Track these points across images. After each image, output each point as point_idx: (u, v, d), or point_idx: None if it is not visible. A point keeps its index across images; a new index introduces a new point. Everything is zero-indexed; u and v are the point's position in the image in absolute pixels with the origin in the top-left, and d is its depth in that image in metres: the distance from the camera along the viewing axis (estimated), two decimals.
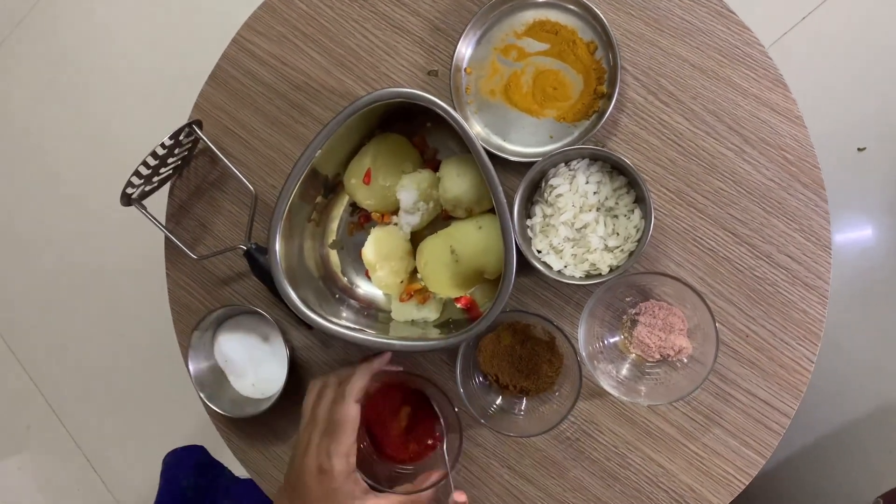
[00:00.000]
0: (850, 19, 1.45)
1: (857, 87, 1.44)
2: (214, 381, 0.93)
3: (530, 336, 0.84)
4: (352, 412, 0.76)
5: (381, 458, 0.84)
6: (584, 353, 0.78)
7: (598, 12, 0.81)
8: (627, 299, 0.82)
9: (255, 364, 0.94)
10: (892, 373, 1.39)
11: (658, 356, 0.80)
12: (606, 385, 0.77)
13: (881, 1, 1.44)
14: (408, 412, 0.84)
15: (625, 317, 0.83)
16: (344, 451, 0.74)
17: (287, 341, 0.89)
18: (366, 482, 0.76)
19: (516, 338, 0.83)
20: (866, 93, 1.44)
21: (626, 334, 0.82)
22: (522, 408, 0.85)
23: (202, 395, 0.91)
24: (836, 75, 1.45)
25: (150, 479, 1.85)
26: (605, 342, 0.82)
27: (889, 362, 1.39)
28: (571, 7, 0.84)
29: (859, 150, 1.41)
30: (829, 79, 1.44)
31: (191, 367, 0.92)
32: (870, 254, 1.41)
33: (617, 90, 0.81)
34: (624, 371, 0.81)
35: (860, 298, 1.38)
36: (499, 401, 0.85)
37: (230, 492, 1.14)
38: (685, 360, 0.80)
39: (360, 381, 0.78)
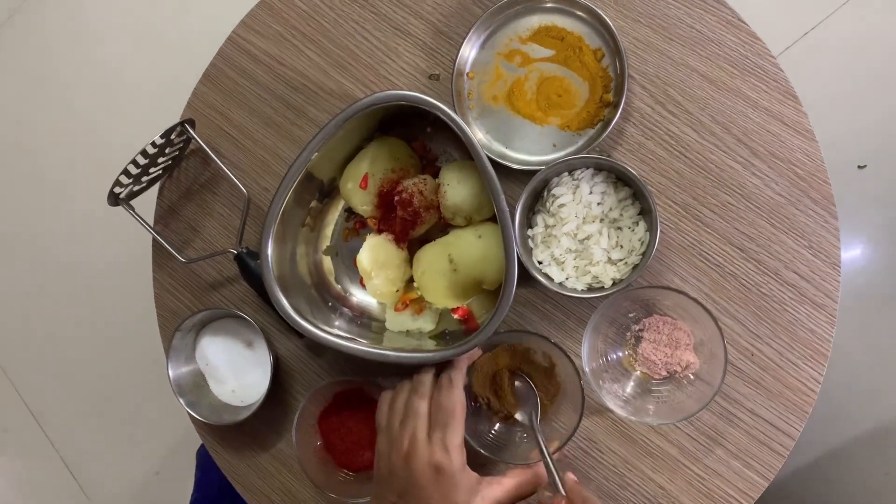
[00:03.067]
0: (854, 35, 1.44)
1: (859, 104, 1.43)
2: (195, 386, 0.90)
3: (529, 360, 0.80)
4: (460, 399, 0.71)
5: (336, 465, 0.86)
6: (587, 371, 0.76)
7: (606, 19, 0.79)
8: (631, 314, 0.80)
9: (236, 370, 0.90)
10: (890, 393, 1.37)
11: (664, 373, 0.78)
12: (612, 405, 0.75)
13: (884, 18, 1.43)
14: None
15: (628, 333, 0.80)
16: (459, 442, 0.70)
17: (272, 349, 0.86)
18: None
19: (514, 361, 0.80)
20: (868, 110, 1.42)
21: (630, 351, 0.80)
22: (519, 437, 0.80)
23: (181, 399, 0.88)
24: (839, 91, 1.44)
25: (129, 485, 1.82)
26: (609, 359, 0.79)
27: (888, 382, 1.37)
28: (578, 13, 0.82)
29: (860, 167, 1.40)
30: (831, 94, 1.43)
31: (171, 370, 0.89)
32: (868, 271, 1.40)
33: (623, 99, 0.78)
34: (629, 389, 0.79)
35: (858, 317, 1.37)
36: (497, 426, 0.81)
37: None
38: (691, 377, 0.77)
39: (462, 369, 0.74)
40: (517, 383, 0.80)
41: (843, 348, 1.38)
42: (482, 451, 0.77)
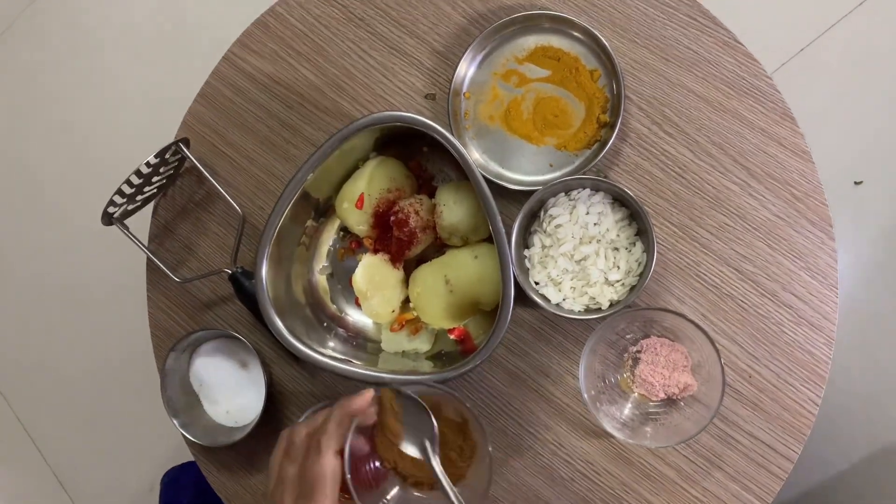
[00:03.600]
0: (851, 50, 1.44)
1: (855, 120, 1.43)
2: (188, 407, 0.89)
3: (439, 416, 0.68)
4: (328, 467, 0.61)
5: None
6: (585, 396, 0.75)
7: (603, 39, 0.79)
8: (628, 336, 0.79)
9: (230, 391, 0.90)
10: (888, 414, 1.37)
11: (662, 395, 0.77)
12: (610, 427, 0.74)
13: (881, 34, 1.44)
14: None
15: (626, 354, 0.80)
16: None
17: (266, 369, 0.85)
18: None
19: None
20: (865, 126, 1.43)
21: (628, 373, 0.79)
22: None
23: (175, 420, 0.87)
24: (836, 106, 1.44)
25: (121, 502, 1.80)
26: (607, 381, 0.79)
27: (885, 403, 1.37)
28: (575, 34, 0.82)
29: (856, 183, 1.40)
30: (828, 109, 1.43)
31: (164, 392, 0.88)
32: (865, 288, 1.40)
33: (620, 119, 0.78)
34: (626, 411, 0.78)
35: (856, 333, 1.37)
36: (394, 491, 0.69)
37: None
38: (689, 399, 0.77)
39: (337, 428, 0.63)
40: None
41: (841, 364, 1.37)
42: None
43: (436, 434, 0.64)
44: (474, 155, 0.84)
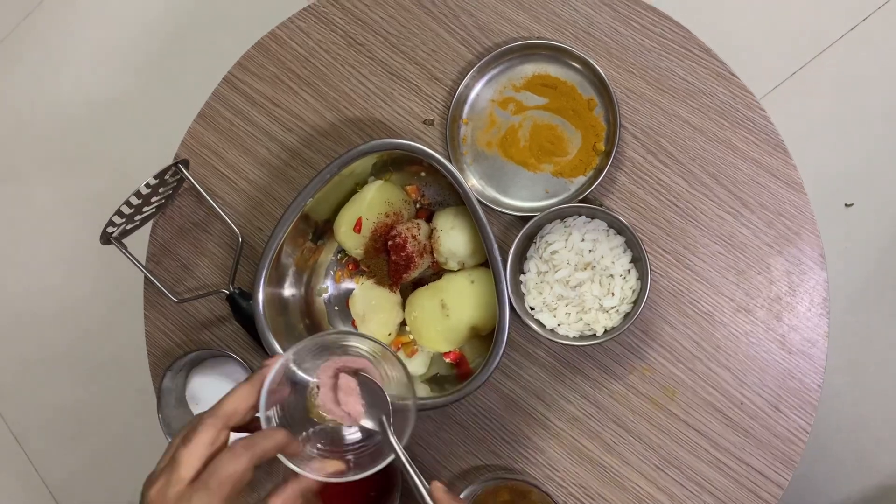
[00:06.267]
0: (843, 74, 1.46)
1: (846, 142, 1.45)
2: (184, 426, 0.89)
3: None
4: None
5: None
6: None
7: (599, 69, 0.80)
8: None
9: None
10: (876, 435, 1.38)
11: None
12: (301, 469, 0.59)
13: (872, 58, 1.45)
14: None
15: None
16: None
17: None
18: None
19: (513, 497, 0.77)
20: (856, 148, 1.44)
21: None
22: None
23: (170, 439, 0.87)
24: (827, 129, 1.46)
25: None
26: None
27: (873, 426, 1.38)
28: (572, 63, 0.83)
29: (847, 205, 1.42)
30: (819, 132, 1.45)
31: (161, 411, 0.88)
32: (855, 312, 1.41)
33: (615, 148, 0.79)
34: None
35: (846, 354, 1.38)
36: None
37: None
38: None
39: (229, 468, 0.53)
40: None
41: (832, 387, 1.39)
42: None
43: (390, 410, 0.64)
44: (471, 181, 0.85)
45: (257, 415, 0.59)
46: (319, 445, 0.64)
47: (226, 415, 0.57)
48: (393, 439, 0.62)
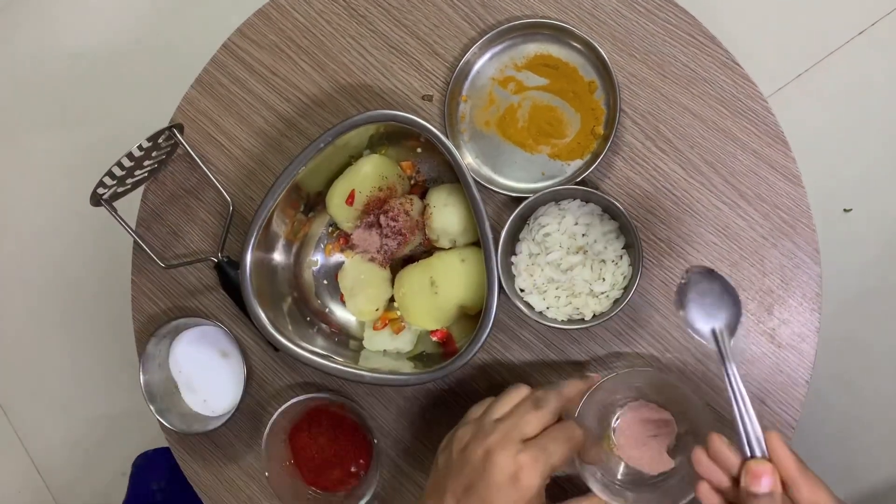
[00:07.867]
0: (847, 79, 1.45)
1: (848, 147, 1.44)
2: (166, 393, 0.89)
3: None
4: (579, 439, 0.64)
5: (304, 483, 0.85)
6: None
7: (602, 52, 0.79)
8: (618, 395, 0.76)
9: (209, 380, 0.89)
10: (861, 441, 1.38)
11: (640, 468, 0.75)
12: (593, 486, 0.70)
13: (877, 64, 1.45)
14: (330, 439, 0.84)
15: (611, 417, 0.77)
16: (551, 471, 0.61)
17: (246, 361, 0.85)
18: None
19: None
20: (858, 154, 1.44)
21: (610, 438, 0.76)
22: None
23: (151, 406, 0.87)
24: (829, 133, 1.45)
25: (96, 484, 1.79)
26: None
27: (864, 426, 1.38)
28: (575, 44, 0.82)
29: (846, 210, 1.41)
30: (821, 135, 1.44)
31: (143, 376, 0.87)
32: (848, 318, 1.40)
33: (614, 132, 0.79)
34: (611, 472, 0.75)
35: (836, 358, 1.37)
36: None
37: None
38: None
39: (571, 431, 0.64)
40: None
41: (821, 392, 1.38)
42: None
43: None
44: (467, 158, 0.84)
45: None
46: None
47: (566, 397, 0.67)
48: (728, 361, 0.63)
